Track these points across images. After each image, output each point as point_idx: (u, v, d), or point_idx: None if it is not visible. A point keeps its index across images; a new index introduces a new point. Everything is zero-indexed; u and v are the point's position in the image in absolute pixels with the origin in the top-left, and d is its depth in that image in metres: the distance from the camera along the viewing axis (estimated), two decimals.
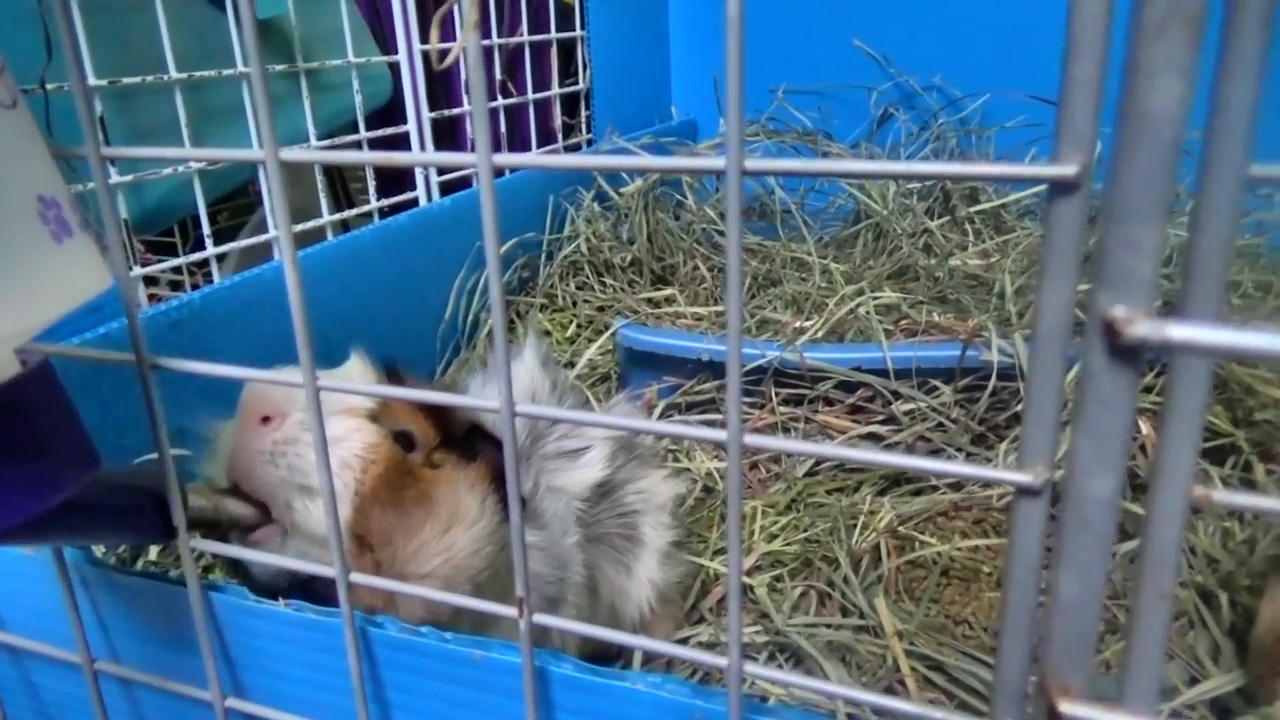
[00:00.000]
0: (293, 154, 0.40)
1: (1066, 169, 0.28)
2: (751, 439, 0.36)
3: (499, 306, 0.38)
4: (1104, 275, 0.24)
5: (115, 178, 1.10)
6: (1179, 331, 0.23)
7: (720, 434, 0.36)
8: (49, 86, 0.98)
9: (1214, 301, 0.27)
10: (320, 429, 0.45)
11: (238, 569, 0.62)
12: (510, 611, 0.43)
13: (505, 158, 0.36)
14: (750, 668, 0.39)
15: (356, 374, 0.68)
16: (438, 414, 0.67)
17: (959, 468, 0.34)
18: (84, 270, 0.43)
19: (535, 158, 0.36)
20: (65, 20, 0.40)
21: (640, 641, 0.43)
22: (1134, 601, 0.30)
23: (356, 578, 0.48)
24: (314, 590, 0.55)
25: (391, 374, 0.71)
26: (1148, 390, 1.10)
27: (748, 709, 0.42)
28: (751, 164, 0.33)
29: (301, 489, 0.59)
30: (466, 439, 0.68)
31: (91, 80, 1.05)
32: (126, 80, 1.10)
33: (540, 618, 0.43)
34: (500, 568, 0.66)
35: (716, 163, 0.33)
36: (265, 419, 0.60)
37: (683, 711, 0.44)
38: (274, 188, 0.40)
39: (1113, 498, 0.26)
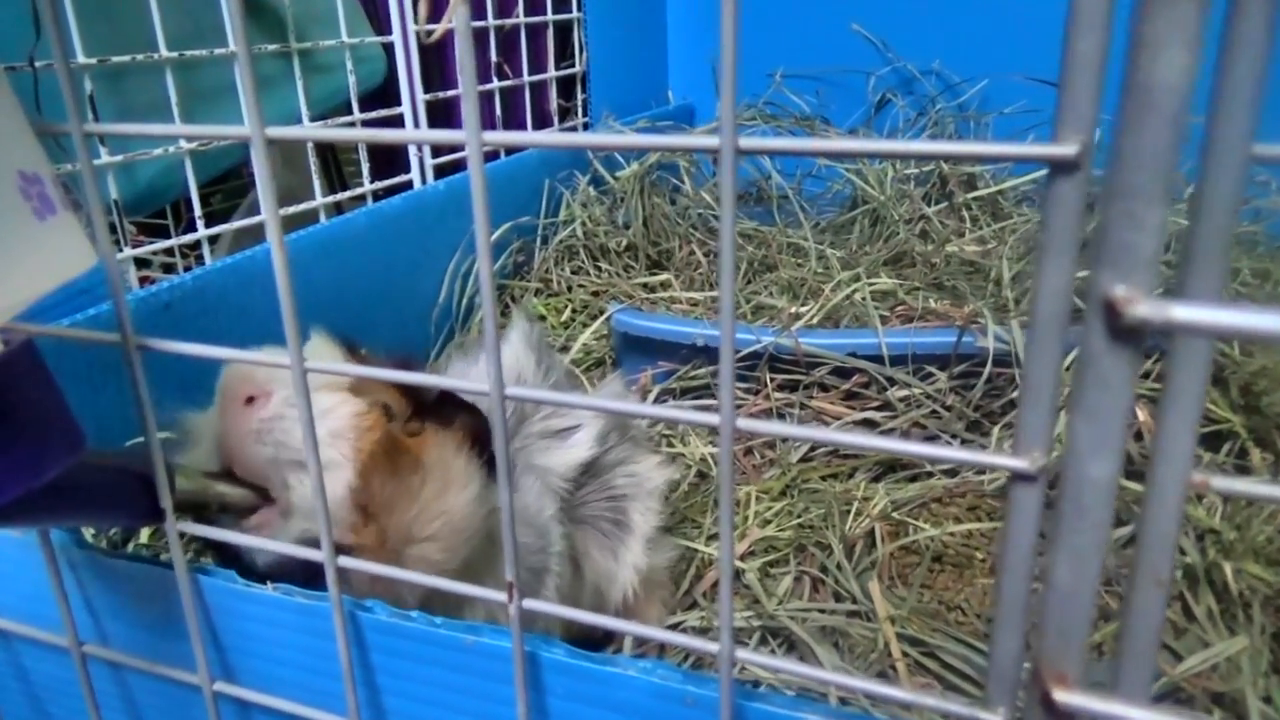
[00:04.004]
0: (279, 131, 0.39)
1: (1067, 149, 0.27)
2: (744, 423, 0.35)
3: (488, 286, 0.37)
4: (1105, 254, 0.24)
5: (105, 158, 1.08)
6: (1182, 312, 0.23)
7: (713, 418, 0.36)
8: (38, 64, 0.96)
9: (1215, 286, 0.27)
10: (308, 409, 0.44)
11: (226, 555, 0.61)
12: (500, 596, 0.43)
13: (496, 135, 0.35)
14: (741, 653, 0.38)
15: (324, 352, 0.68)
16: (408, 385, 0.67)
17: (956, 453, 0.33)
18: (68, 248, 0.43)
19: (527, 136, 0.35)
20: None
21: (638, 628, 0.43)
22: (1129, 588, 0.30)
23: (346, 562, 0.48)
24: (316, 574, 0.55)
25: (351, 351, 0.71)
26: (1145, 376, 1.09)
27: (738, 695, 0.41)
28: (746, 143, 0.32)
29: (294, 464, 0.58)
30: (437, 407, 0.68)
31: (80, 59, 1.04)
32: (116, 59, 1.08)
33: (530, 603, 0.43)
34: (493, 529, 0.67)
35: (711, 141, 0.33)
36: (250, 399, 0.59)
37: (674, 696, 0.43)
38: (260, 165, 0.39)
39: (1111, 482, 0.25)
